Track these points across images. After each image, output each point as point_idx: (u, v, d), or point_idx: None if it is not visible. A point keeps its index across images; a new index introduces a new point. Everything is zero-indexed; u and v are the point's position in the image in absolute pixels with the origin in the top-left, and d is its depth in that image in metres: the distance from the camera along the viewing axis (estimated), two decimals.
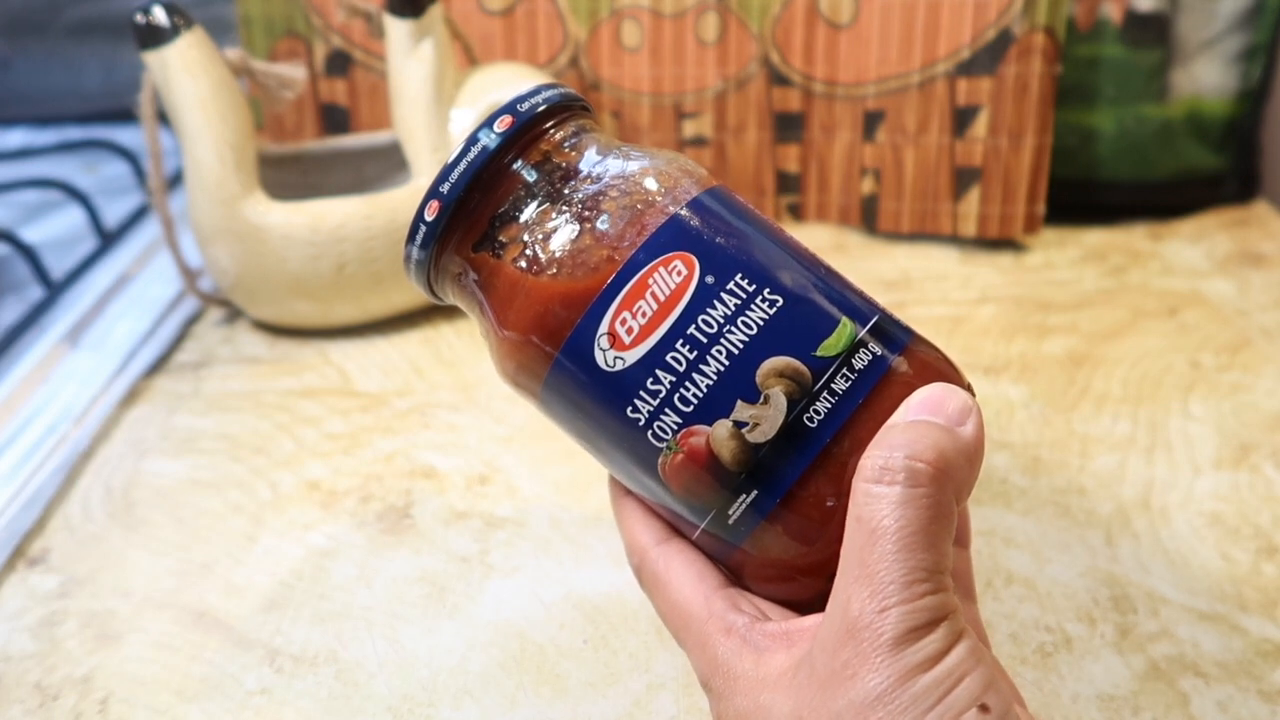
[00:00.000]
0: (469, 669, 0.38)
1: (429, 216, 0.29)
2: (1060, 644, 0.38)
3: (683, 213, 0.28)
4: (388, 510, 0.46)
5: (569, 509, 0.46)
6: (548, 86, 0.30)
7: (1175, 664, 0.37)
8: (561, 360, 0.28)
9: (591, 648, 0.38)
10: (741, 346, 0.27)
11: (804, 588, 0.28)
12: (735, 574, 0.29)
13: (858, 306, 0.28)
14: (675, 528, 0.30)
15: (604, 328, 0.27)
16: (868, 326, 0.28)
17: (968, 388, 0.29)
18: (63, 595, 0.42)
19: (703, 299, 0.27)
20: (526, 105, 0.29)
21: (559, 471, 0.48)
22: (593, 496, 0.46)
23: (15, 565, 0.43)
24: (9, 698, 0.37)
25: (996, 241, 0.69)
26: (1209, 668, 0.37)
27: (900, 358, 0.28)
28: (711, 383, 0.27)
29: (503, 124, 0.29)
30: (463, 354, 0.58)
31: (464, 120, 0.60)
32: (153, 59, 0.55)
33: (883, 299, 0.61)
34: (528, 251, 0.28)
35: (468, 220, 0.29)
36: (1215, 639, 0.38)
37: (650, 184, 0.29)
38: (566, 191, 0.29)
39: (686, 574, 0.29)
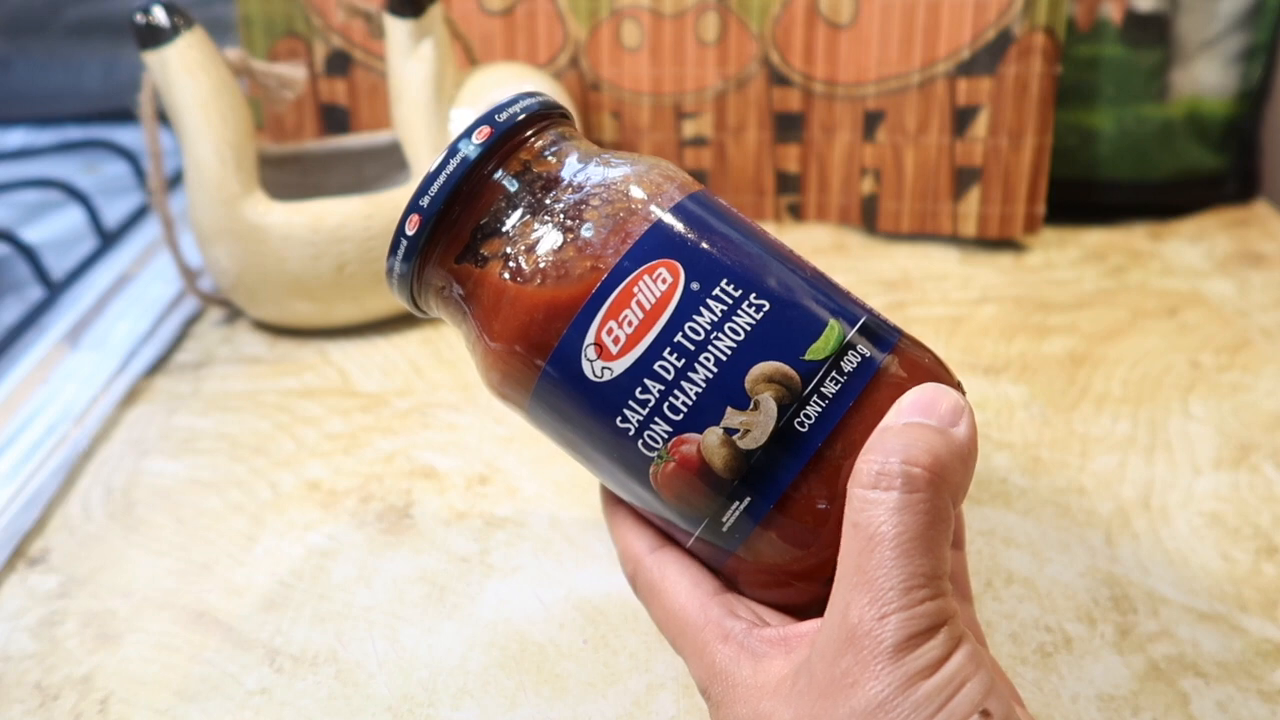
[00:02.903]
0: (469, 669, 0.38)
1: (410, 230, 0.29)
2: (1060, 644, 0.38)
3: (666, 219, 0.28)
4: (388, 510, 0.46)
5: (569, 509, 0.46)
6: (526, 95, 0.30)
7: (1175, 664, 0.37)
8: (548, 371, 0.28)
9: (591, 648, 0.38)
10: (729, 353, 0.27)
11: (800, 592, 0.28)
12: (730, 580, 0.29)
13: (845, 308, 0.28)
14: (669, 535, 0.30)
15: (590, 338, 0.27)
16: (856, 328, 0.28)
17: (957, 386, 0.28)
18: (63, 595, 0.42)
19: (689, 306, 0.27)
20: (505, 115, 0.29)
21: (559, 471, 0.48)
22: (593, 497, 0.46)
23: (15, 565, 0.43)
24: (9, 698, 0.37)
25: (996, 241, 0.69)
26: (1209, 668, 0.37)
27: (890, 358, 0.28)
28: (700, 390, 0.27)
29: (481, 134, 0.29)
30: (463, 354, 0.58)
31: (464, 120, 0.60)
32: (153, 59, 0.55)
33: (882, 299, 0.62)
34: (511, 263, 0.28)
35: (449, 233, 0.29)
36: (1215, 639, 0.38)
37: (632, 191, 0.29)
38: (548, 201, 0.29)
39: (681, 581, 0.29)
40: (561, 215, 0.28)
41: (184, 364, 0.58)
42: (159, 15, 0.54)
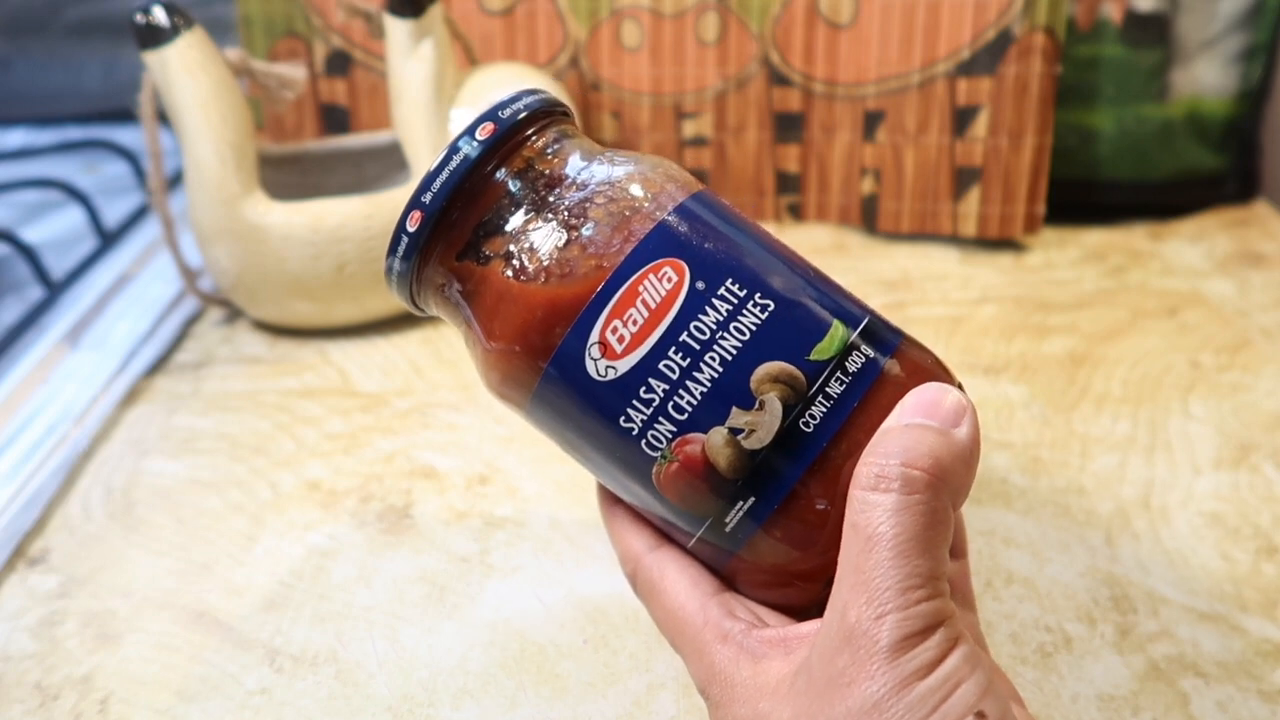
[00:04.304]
0: (469, 669, 0.38)
1: (411, 227, 0.28)
2: (1060, 644, 0.38)
3: (670, 219, 0.28)
4: (388, 510, 0.46)
5: (569, 509, 0.46)
6: (528, 93, 0.30)
7: (1175, 664, 0.37)
8: (551, 370, 0.28)
9: (591, 648, 0.38)
10: (735, 352, 0.27)
11: (801, 592, 0.28)
12: (730, 580, 0.29)
13: (848, 309, 0.28)
14: (668, 535, 0.30)
15: (594, 337, 0.27)
16: (859, 329, 0.28)
17: (959, 388, 0.29)
18: (63, 595, 0.42)
19: (694, 306, 0.27)
20: (508, 111, 0.29)
21: (559, 471, 0.48)
22: (593, 497, 0.46)
23: (15, 565, 0.43)
24: (9, 698, 0.37)
25: (996, 241, 0.69)
26: (1209, 668, 0.37)
27: (893, 359, 0.28)
28: (705, 390, 0.26)
29: (485, 131, 0.28)
30: (463, 354, 0.58)
31: (464, 120, 0.60)
32: (153, 59, 0.55)
33: (883, 299, 0.62)
34: (514, 261, 0.28)
35: (451, 230, 0.29)
36: (1215, 639, 0.38)
37: (636, 190, 0.28)
38: (552, 199, 0.29)
39: (681, 580, 0.29)
40: (565, 213, 0.28)
41: (184, 364, 0.58)
42: (159, 15, 0.54)
